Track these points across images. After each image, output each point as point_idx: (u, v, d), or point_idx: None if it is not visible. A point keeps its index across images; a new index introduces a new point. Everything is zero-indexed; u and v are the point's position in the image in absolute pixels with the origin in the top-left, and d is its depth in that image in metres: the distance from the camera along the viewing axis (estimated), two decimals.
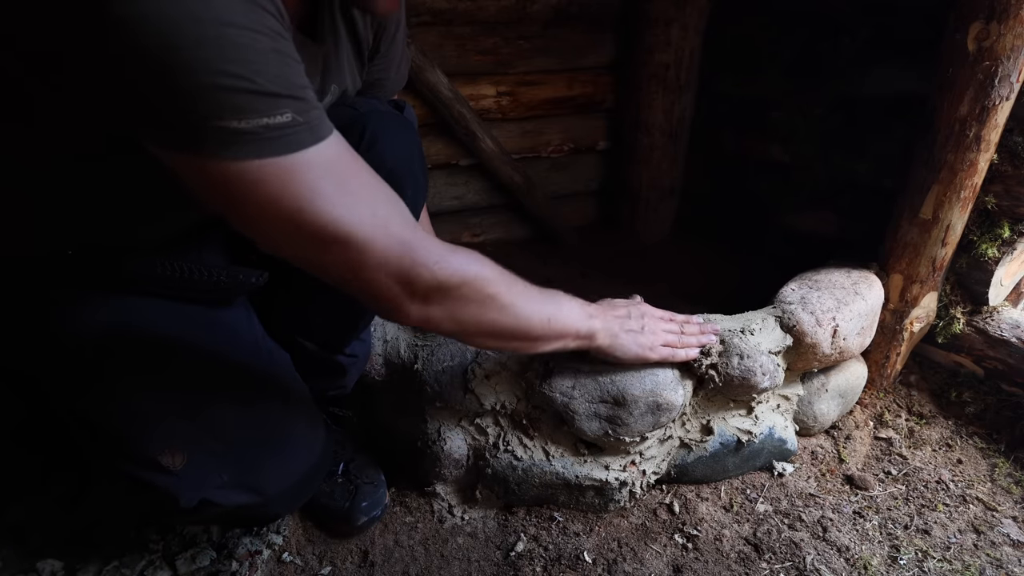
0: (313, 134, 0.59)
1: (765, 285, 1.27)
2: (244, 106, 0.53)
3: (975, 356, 1.41)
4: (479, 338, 0.84)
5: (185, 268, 0.79)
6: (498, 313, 0.79)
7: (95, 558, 1.02)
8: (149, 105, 0.52)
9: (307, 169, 0.58)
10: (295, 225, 0.60)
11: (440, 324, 0.76)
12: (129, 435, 0.77)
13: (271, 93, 0.54)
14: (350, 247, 0.63)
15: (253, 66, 0.53)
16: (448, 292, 0.72)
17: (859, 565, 1.04)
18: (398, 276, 0.67)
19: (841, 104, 1.58)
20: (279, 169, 0.56)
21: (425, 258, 0.68)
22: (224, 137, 0.53)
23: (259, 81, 0.53)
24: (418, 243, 0.68)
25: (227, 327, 0.86)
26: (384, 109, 0.95)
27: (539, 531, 1.11)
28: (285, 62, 0.56)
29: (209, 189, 0.58)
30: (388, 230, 0.65)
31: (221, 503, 0.82)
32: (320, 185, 0.59)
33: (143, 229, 0.78)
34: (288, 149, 0.56)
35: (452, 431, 1.13)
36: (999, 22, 1.04)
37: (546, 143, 1.97)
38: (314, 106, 0.59)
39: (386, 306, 0.71)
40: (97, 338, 0.75)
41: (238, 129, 0.53)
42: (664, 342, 1.03)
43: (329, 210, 0.60)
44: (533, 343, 0.88)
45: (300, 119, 0.57)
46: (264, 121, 0.54)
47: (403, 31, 1.00)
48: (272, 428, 0.89)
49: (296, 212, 0.59)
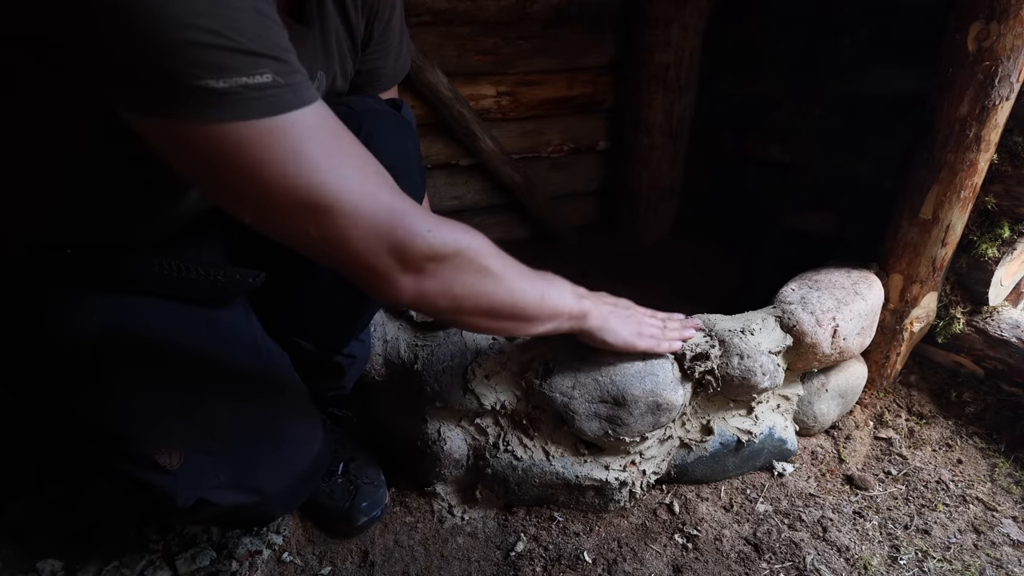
0: (297, 97, 0.56)
1: (765, 285, 1.27)
2: (222, 64, 0.51)
3: (975, 356, 1.41)
4: (474, 317, 0.79)
5: (183, 267, 0.78)
6: (493, 286, 0.76)
7: (95, 558, 1.02)
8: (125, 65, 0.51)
9: (291, 132, 0.56)
10: (278, 192, 0.57)
11: (435, 300, 0.72)
12: (126, 434, 0.77)
13: (250, 51, 0.52)
14: (337, 214, 0.59)
15: (232, 23, 0.51)
16: (442, 262, 0.69)
17: (859, 565, 1.04)
18: (389, 245, 0.64)
19: (841, 104, 1.58)
20: (261, 131, 0.54)
21: (417, 226, 0.65)
22: (202, 98, 0.51)
23: (238, 39, 0.51)
24: (409, 210, 0.65)
25: (225, 327, 0.86)
26: (381, 108, 0.95)
27: (539, 531, 1.11)
28: (266, 23, 0.54)
29: (188, 157, 0.56)
30: (376, 197, 0.62)
31: (218, 503, 0.82)
32: (305, 149, 0.56)
33: (140, 227, 0.78)
34: (270, 111, 0.54)
35: (452, 431, 1.13)
36: (999, 22, 1.04)
37: (546, 143, 1.97)
38: (297, 70, 0.57)
39: (377, 281, 0.67)
40: (94, 337, 0.75)
41: (216, 88, 0.51)
42: (649, 334, 1.03)
43: (314, 175, 0.57)
44: (528, 323, 0.85)
45: (282, 80, 0.54)
46: (243, 80, 0.52)
47: (399, 17, 0.98)
48: (270, 428, 0.89)
49: (279, 178, 0.56)
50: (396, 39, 0.99)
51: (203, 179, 0.59)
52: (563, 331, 0.93)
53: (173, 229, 0.81)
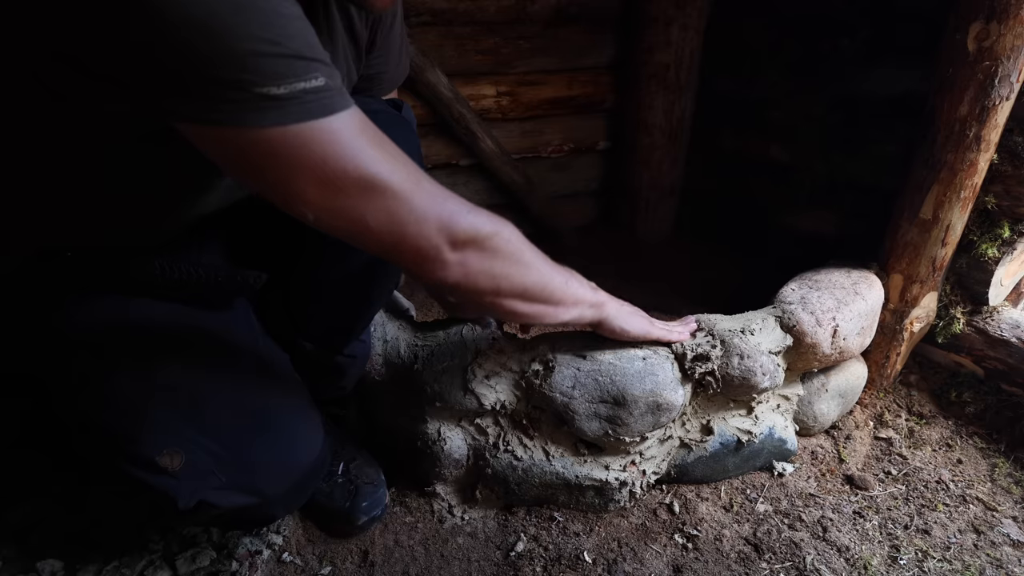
0: (344, 99, 0.60)
1: (765, 285, 1.27)
2: (281, 71, 0.54)
3: (975, 356, 1.41)
4: (511, 299, 0.81)
5: (184, 269, 0.78)
6: (527, 269, 0.80)
7: (95, 558, 1.02)
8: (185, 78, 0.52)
9: (346, 130, 0.59)
10: (338, 185, 0.61)
11: (477, 279, 0.76)
12: (128, 436, 0.77)
13: (304, 57, 0.55)
14: (394, 197, 0.64)
15: (285, 31, 0.54)
16: (482, 242, 0.73)
17: (859, 565, 1.04)
18: (439, 224, 0.68)
19: (841, 104, 1.58)
20: (318, 131, 0.57)
21: (459, 208, 0.70)
22: (266, 104, 0.54)
23: (292, 45, 0.54)
24: (447, 196, 0.70)
25: (226, 328, 0.86)
26: (382, 108, 0.95)
27: (539, 531, 1.11)
28: (309, 30, 0.57)
29: (252, 162, 0.58)
30: (421, 182, 0.67)
31: (219, 504, 0.82)
32: (360, 143, 0.61)
33: (144, 231, 0.78)
34: (324, 112, 0.57)
35: (452, 431, 1.13)
36: (999, 22, 1.04)
37: (546, 143, 1.97)
38: (336, 73, 0.60)
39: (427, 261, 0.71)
40: (97, 339, 0.75)
41: (278, 95, 0.54)
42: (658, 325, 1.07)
43: (372, 164, 0.61)
44: (556, 307, 0.87)
45: (331, 83, 0.58)
46: (301, 85, 0.55)
47: (400, 24, 1.00)
48: (270, 429, 0.89)
49: (340, 172, 0.60)
50: (397, 45, 1.01)
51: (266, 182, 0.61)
52: (585, 320, 0.95)
53: (177, 233, 0.82)
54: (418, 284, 1.65)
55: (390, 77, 1.04)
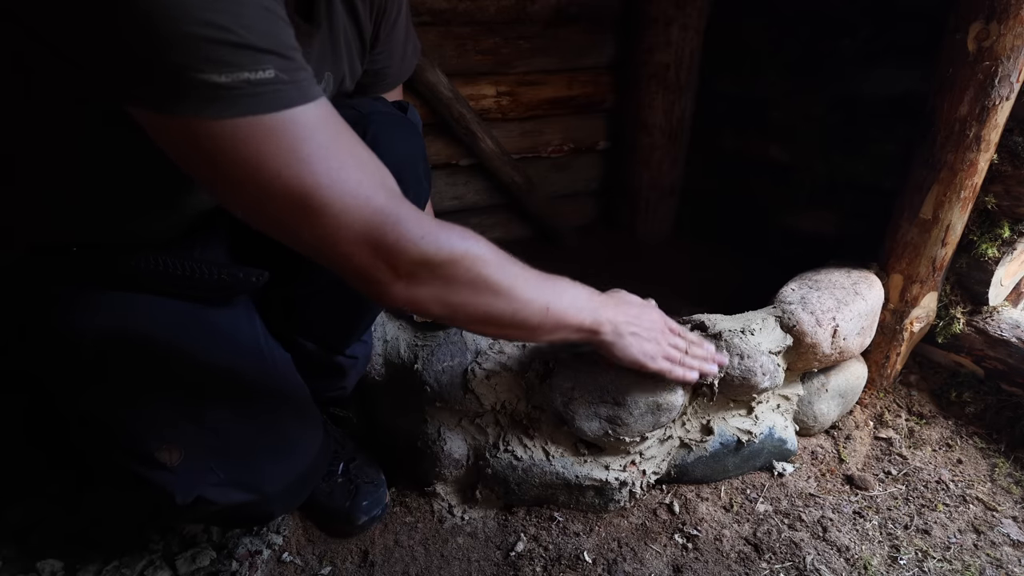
0: (300, 94, 0.56)
1: (765, 285, 1.27)
2: (225, 59, 0.51)
3: (975, 356, 1.41)
4: (472, 324, 0.79)
5: (187, 266, 0.78)
6: (491, 297, 0.74)
7: (95, 558, 1.02)
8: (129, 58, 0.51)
9: (289, 129, 0.56)
10: (272, 190, 0.57)
11: (428, 306, 0.71)
12: (127, 431, 0.77)
13: (254, 47, 0.52)
14: (328, 215, 0.59)
15: (236, 19, 0.51)
16: (435, 270, 0.68)
17: (859, 565, 1.04)
18: (378, 249, 0.63)
19: (841, 104, 1.58)
20: (261, 127, 0.54)
21: (410, 232, 0.64)
22: (204, 93, 0.51)
23: (241, 34, 0.51)
24: (404, 215, 0.64)
25: (228, 325, 0.86)
26: (387, 110, 0.95)
27: (539, 531, 1.11)
28: (272, 20, 0.54)
29: (188, 151, 0.56)
30: (370, 201, 0.61)
31: (217, 501, 0.82)
32: (302, 148, 0.56)
33: (145, 227, 0.78)
34: (270, 107, 0.54)
35: (452, 431, 1.13)
36: (999, 22, 1.04)
37: (546, 143, 1.97)
38: (301, 67, 0.57)
39: (368, 284, 0.67)
40: (98, 335, 0.75)
41: (218, 83, 0.51)
42: (665, 355, 0.97)
43: (308, 175, 0.57)
44: (530, 332, 0.82)
45: (285, 77, 0.55)
46: (245, 76, 0.52)
47: (405, 18, 0.98)
48: (270, 427, 0.89)
49: (274, 176, 0.56)
50: (402, 38, 0.99)
51: (202, 174, 0.59)
52: (573, 340, 0.90)
53: (178, 229, 0.82)
54: None
55: (395, 72, 1.02)
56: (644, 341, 0.95)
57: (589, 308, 0.88)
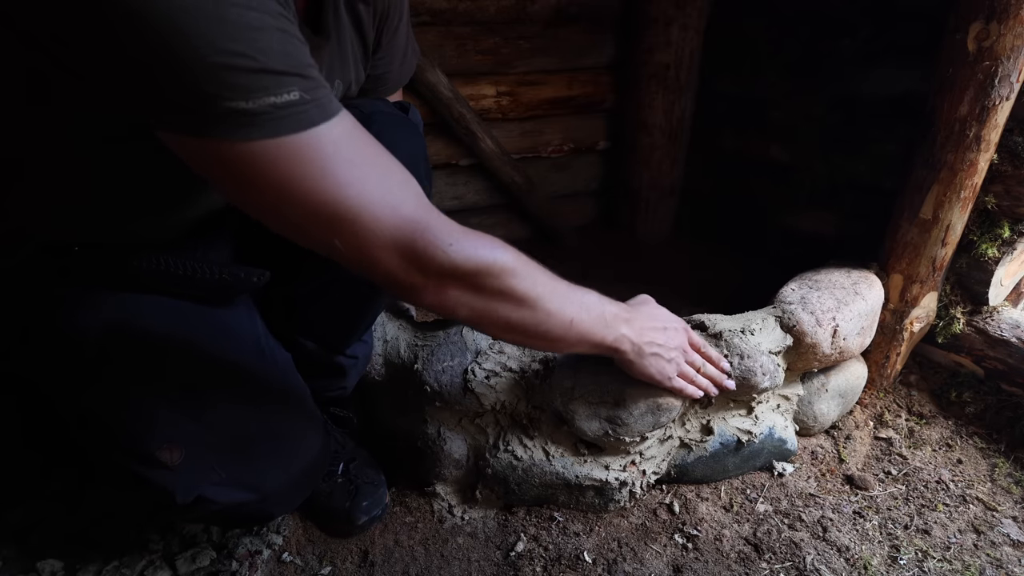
0: (322, 112, 0.58)
1: (765, 285, 1.27)
2: (250, 85, 0.53)
3: (975, 356, 1.41)
4: (497, 331, 0.81)
5: (188, 266, 0.78)
6: (517, 308, 0.76)
7: (95, 558, 1.02)
8: (156, 90, 0.52)
9: (317, 147, 0.58)
10: (305, 205, 0.59)
11: (456, 311, 0.74)
12: (128, 430, 0.77)
13: (276, 71, 0.54)
14: (359, 227, 0.62)
15: (257, 44, 0.53)
16: (463, 278, 0.70)
17: (859, 565, 1.04)
18: (410, 257, 0.66)
19: (841, 104, 1.58)
20: (289, 148, 0.56)
21: (439, 239, 0.66)
22: (232, 119, 0.53)
23: (263, 59, 0.53)
24: (432, 223, 0.66)
25: (229, 325, 0.86)
26: (389, 110, 0.95)
27: (539, 531, 1.11)
28: (289, 40, 0.56)
29: (218, 173, 0.58)
30: (399, 209, 0.64)
31: (217, 500, 0.82)
32: (330, 164, 0.59)
33: (148, 228, 0.78)
34: (297, 128, 0.56)
35: (452, 431, 1.13)
36: (999, 22, 1.04)
37: (546, 143, 1.97)
38: (321, 84, 0.59)
39: (401, 288, 0.69)
40: (99, 334, 0.75)
41: (246, 109, 0.53)
42: (681, 372, 1.00)
43: (337, 190, 0.59)
44: (552, 343, 0.85)
45: (308, 96, 0.56)
46: (271, 100, 0.54)
47: (406, 23, 0.99)
48: (271, 427, 0.89)
49: (307, 192, 0.58)
50: (402, 44, 1.01)
51: (235, 194, 0.61)
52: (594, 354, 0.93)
53: (180, 229, 0.82)
54: None
55: (395, 77, 1.04)
56: (664, 362, 0.96)
57: (613, 325, 0.89)
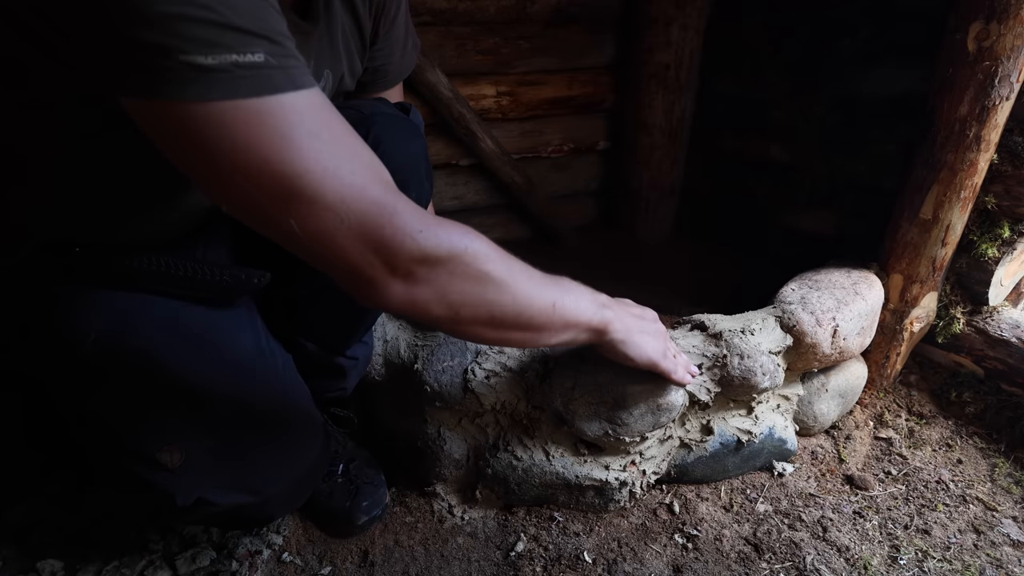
0: (290, 80, 0.54)
1: (765, 285, 1.27)
2: (212, 39, 0.49)
3: (975, 356, 1.41)
4: (475, 327, 0.72)
5: (188, 267, 0.78)
6: (495, 294, 0.70)
7: (95, 558, 1.02)
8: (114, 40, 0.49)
9: (278, 114, 0.53)
10: (259, 177, 0.54)
11: (428, 308, 0.66)
12: (128, 432, 0.77)
13: (243, 29, 0.51)
14: (319, 206, 0.56)
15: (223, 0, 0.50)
16: (435, 266, 0.64)
17: (859, 565, 1.04)
18: (375, 244, 0.59)
19: (841, 104, 1.58)
20: (248, 111, 0.52)
21: (408, 225, 0.60)
22: (191, 74, 0.50)
23: (229, 15, 0.50)
24: (401, 208, 0.60)
25: (229, 327, 0.86)
26: (389, 111, 0.95)
27: (539, 531, 1.11)
28: (262, 5, 0.53)
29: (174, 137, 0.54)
30: (365, 192, 0.58)
31: (218, 502, 0.82)
32: (292, 134, 0.54)
33: (147, 226, 0.78)
34: (259, 91, 0.52)
35: (452, 431, 1.13)
36: (999, 22, 1.04)
37: (546, 143, 1.97)
38: (292, 55, 0.55)
39: (363, 284, 0.63)
40: (99, 335, 0.75)
41: (205, 65, 0.49)
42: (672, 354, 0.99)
43: (297, 161, 0.54)
44: (537, 333, 0.78)
45: (274, 62, 0.53)
46: (233, 58, 0.50)
47: (405, 14, 0.97)
48: (271, 428, 0.89)
49: (262, 162, 0.53)
50: (402, 35, 0.99)
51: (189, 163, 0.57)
52: (580, 343, 0.87)
53: (179, 229, 0.82)
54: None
55: (395, 69, 1.02)
56: (653, 340, 0.94)
57: (595, 306, 0.86)
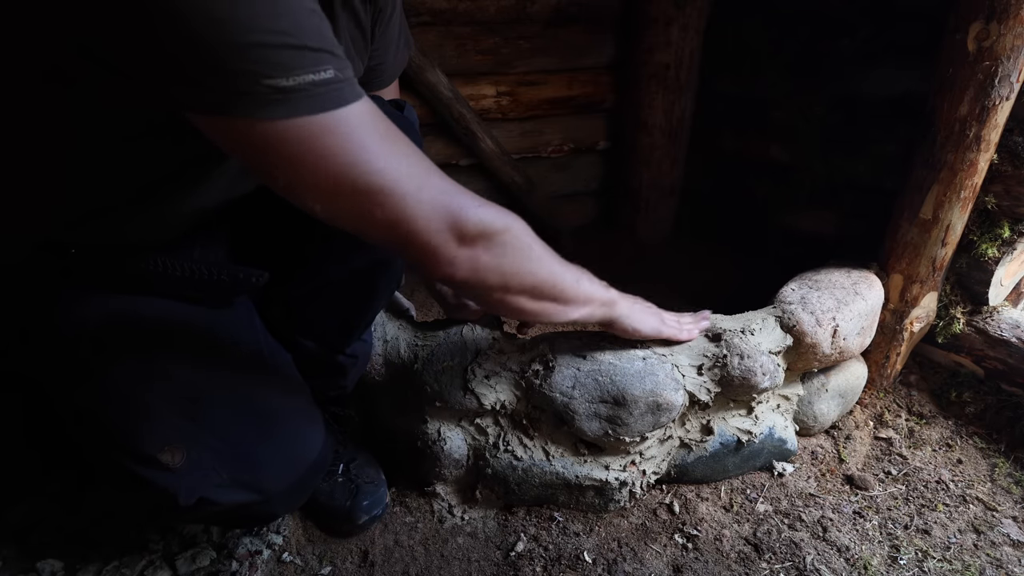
0: (353, 91, 0.60)
1: (765, 285, 1.27)
2: (291, 63, 0.54)
3: (975, 356, 1.41)
4: (519, 296, 0.82)
5: (186, 267, 0.78)
6: (538, 265, 0.80)
7: (95, 558, 1.02)
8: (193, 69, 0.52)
9: (352, 124, 0.59)
10: (346, 180, 0.60)
11: (487, 275, 0.76)
12: (129, 432, 0.77)
13: (314, 48, 0.55)
14: (399, 196, 0.64)
15: (296, 22, 0.54)
16: (492, 237, 0.73)
17: (859, 565, 1.04)
18: (448, 221, 0.68)
19: (841, 104, 1.58)
20: (327, 125, 0.57)
21: (469, 203, 0.70)
22: (274, 96, 0.54)
23: (301, 37, 0.54)
24: (457, 190, 0.70)
25: (228, 326, 0.86)
26: (385, 109, 0.95)
27: (539, 531, 1.11)
28: (322, 21, 0.57)
29: (258, 153, 0.58)
30: (430, 179, 0.67)
31: (219, 501, 0.82)
32: (365, 139, 0.60)
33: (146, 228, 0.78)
34: (333, 104, 0.57)
35: (452, 431, 1.13)
36: (999, 22, 1.04)
37: (546, 143, 1.97)
38: (348, 64, 0.60)
39: (436, 257, 0.71)
40: (99, 336, 0.75)
41: (286, 87, 0.54)
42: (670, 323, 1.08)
43: (376, 161, 0.61)
44: (565, 305, 0.87)
45: (341, 75, 0.58)
46: (310, 77, 0.55)
47: (399, 13, 1.00)
48: (271, 427, 0.89)
49: (346, 166, 0.60)
50: (395, 34, 1.00)
51: (274, 174, 0.61)
52: (595, 319, 0.95)
53: (177, 229, 0.82)
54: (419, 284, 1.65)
55: (390, 68, 1.04)
56: (650, 315, 1.06)
57: (603, 287, 0.95)
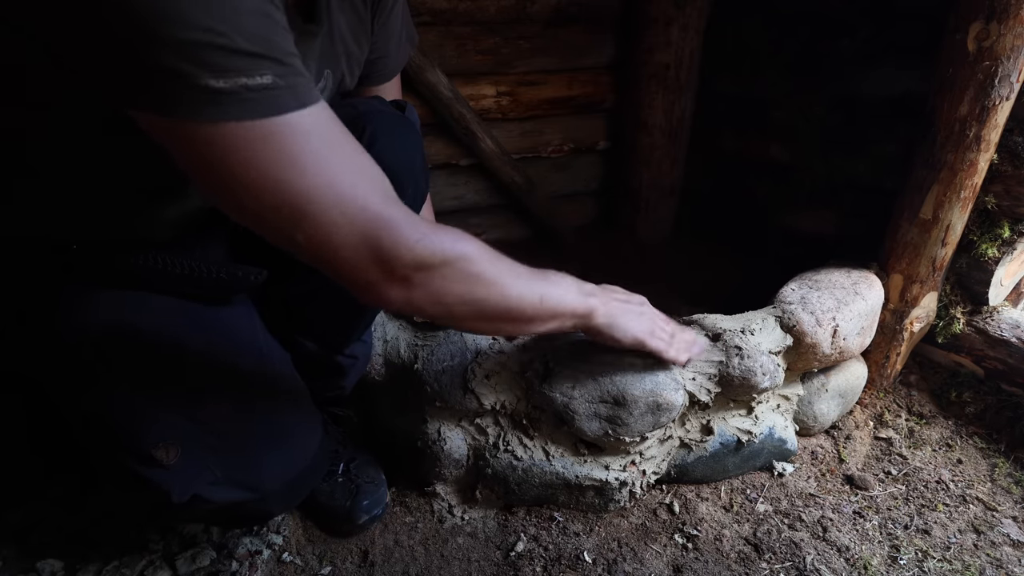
0: (296, 99, 0.57)
1: (765, 285, 1.27)
2: (224, 64, 0.52)
3: (975, 356, 1.41)
4: (468, 321, 0.79)
5: (186, 264, 0.78)
6: (485, 292, 0.75)
7: (95, 558, 1.02)
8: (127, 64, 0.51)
9: (285, 135, 0.56)
10: (268, 195, 0.57)
11: (424, 307, 0.72)
12: (125, 429, 0.77)
13: (252, 53, 0.53)
14: (323, 222, 0.60)
15: (233, 24, 0.51)
16: (430, 271, 0.69)
17: (859, 565, 1.04)
18: (374, 256, 0.64)
19: (841, 104, 1.58)
20: (256, 132, 0.55)
21: (405, 236, 0.65)
22: (201, 97, 0.52)
23: (238, 40, 0.52)
24: (399, 220, 0.64)
25: (227, 324, 0.86)
26: (385, 110, 0.95)
27: (539, 531, 1.11)
28: (269, 25, 0.55)
29: (186, 154, 0.56)
30: (366, 207, 0.62)
31: (213, 499, 0.82)
32: (297, 153, 0.57)
33: (144, 224, 0.78)
34: (267, 112, 0.55)
35: (452, 431, 1.13)
36: (999, 22, 1.04)
37: (546, 143, 1.97)
38: (299, 73, 0.57)
39: (364, 289, 0.68)
40: (96, 332, 0.75)
41: (215, 88, 0.52)
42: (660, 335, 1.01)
43: (302, 179, 0.57)
44: (526, 324, 0.84)
45: (281, 83, 0.55)
46: (243, 81, 0.53)
47: (401, 8, 0.98)
48: (269, 426, 0.89)
49: (270, 181, 0.57)
50: (397, 27, 0.99)
51: (199, 177, 0.59)
52: (567, 329, 0.91)
53: (177, 227, 0.82)
54: None
55: (392, 64, 1.02)
56: (638, 321, 0.98)
57: (580, 295, 0.90)
